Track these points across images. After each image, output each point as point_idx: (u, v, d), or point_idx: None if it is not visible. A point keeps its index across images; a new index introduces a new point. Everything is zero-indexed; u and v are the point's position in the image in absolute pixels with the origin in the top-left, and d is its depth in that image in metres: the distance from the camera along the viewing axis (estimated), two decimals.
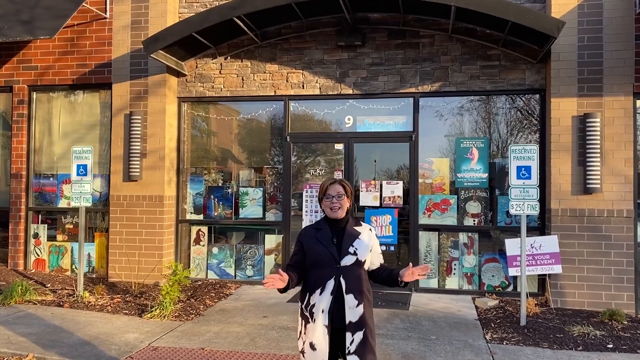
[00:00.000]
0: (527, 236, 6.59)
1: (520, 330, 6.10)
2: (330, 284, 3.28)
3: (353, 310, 3.28)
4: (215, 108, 8.72)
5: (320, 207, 3.51)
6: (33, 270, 8.79)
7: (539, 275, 7.39)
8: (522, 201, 6.30)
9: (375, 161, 8.28)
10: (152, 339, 5.68)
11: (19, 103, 8.84)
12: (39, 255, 8.85)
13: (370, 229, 3.50)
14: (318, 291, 3.31)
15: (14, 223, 8.79)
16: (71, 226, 8.77)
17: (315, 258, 3.35)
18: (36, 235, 8.87)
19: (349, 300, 3.28)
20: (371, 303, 3.42)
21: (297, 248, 3.49)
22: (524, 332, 6.04)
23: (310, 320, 3.32)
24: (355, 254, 3.32)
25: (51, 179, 8.90)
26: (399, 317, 6.60)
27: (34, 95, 8.96)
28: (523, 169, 6.32)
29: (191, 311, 6.80)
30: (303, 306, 3.40)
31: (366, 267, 3.43)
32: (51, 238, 8.88)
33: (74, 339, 5.64)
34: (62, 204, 8.83)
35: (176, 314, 6.66)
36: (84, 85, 8.71)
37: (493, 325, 6.31)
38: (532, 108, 7.81)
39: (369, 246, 3.41)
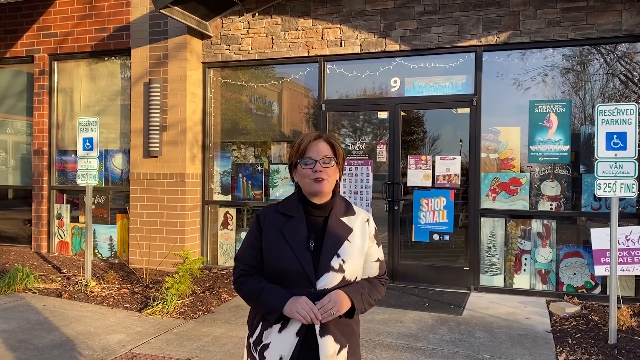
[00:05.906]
0: (620, 225, 5.00)
1: (607, 351, 4.57)
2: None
3: None
4: (244, 73, 7.62)
5: (292, 178, 2.19)
6: (56, 254, 8.20)
7: (636, 276, 5.74)
8: (612, 179, 4.70)
9: (426, 132, 6.86)
10: (137, 343, 4.74)
11: (40, 74, 8.20)
12: (62, 238, 8.24)
13: (367, 220, 2.19)
14: (277, 326, 2.03)
15: (36, 203, 8.22)
16: (94, 207, 8.05)
17: (277, 268, 2.06)
18: (59, 216, 8.25)
19: (326, 345, 1.99)
20: (359, 340, 2.16)
21: (252, 239, 2.15)
22: (612, 354, 4.50)
23: None
24: (341, 269, 2.03)
25: (73, 155, 8.21)
26: (448, 324, 5.25)
27: (55, 65, 8.28)
28: (615, 136, 4.70)
29: (201, 307, 5.82)
30: (252, 341, 2.13)
31: None
32: (75, 219, 8.24)
33: (48, 339, 4.79)
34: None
35: (181, 310, 5.70)
36: (103, 51, 7.91)
37: (570, 342, 4.81)
38: (632, 61, 6.06)
39: (363, 251, 2.12)
